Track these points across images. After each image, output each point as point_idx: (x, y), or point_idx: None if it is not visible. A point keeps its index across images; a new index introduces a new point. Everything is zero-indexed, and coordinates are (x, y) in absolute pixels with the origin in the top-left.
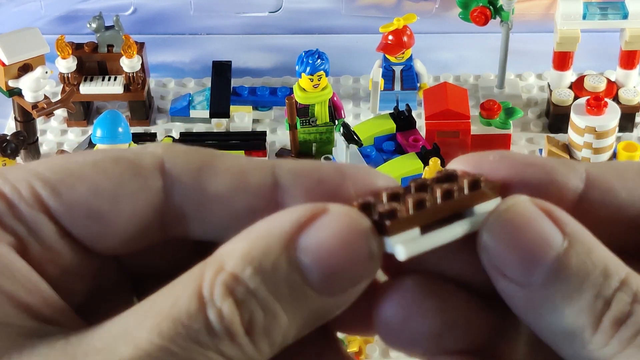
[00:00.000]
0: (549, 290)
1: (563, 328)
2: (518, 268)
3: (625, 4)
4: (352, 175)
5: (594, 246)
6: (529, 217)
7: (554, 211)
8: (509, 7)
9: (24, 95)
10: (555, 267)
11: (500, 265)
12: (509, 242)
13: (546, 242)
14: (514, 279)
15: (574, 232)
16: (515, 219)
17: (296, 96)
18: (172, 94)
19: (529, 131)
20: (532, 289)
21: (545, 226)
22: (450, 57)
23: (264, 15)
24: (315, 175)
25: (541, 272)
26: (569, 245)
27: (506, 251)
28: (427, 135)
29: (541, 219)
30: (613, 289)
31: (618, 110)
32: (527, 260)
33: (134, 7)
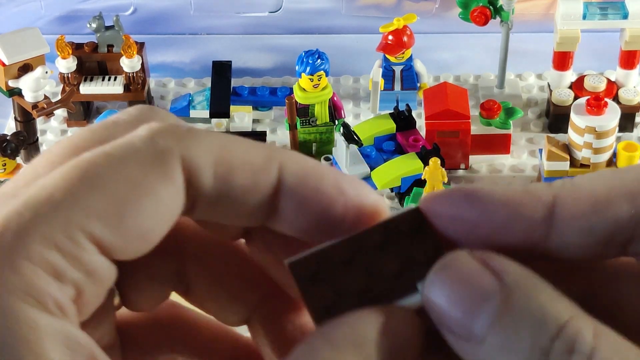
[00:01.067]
0: (490, 342)
1: None
2: (460, 322)
3: (625, 4)
4: (349, 193)
5: (533, 292)
6: (465, 270)
7: (491, 261)
8: (509, 7)
9: (24, 95)
10: (494, 317)
11: (444, 320)
12: (448, 297)
13: (483, 292)
14: (458, 333)
15: (511, 280)
16: (453, 275)
17: (296, 96)
18: (172, 94)
19: (529, 131)
20: (477, 342)
21: (483, 277)
22: (450, 57)
23: (264, 15)
24: (316, 185)
25: (481, 324)
26: (507, 295)
27: (447, 306)
28: (427, 135)
29: (478, 270)
30: (549, 338)
31: (618, 110)
32: (466, 313)
33: (134, 7)
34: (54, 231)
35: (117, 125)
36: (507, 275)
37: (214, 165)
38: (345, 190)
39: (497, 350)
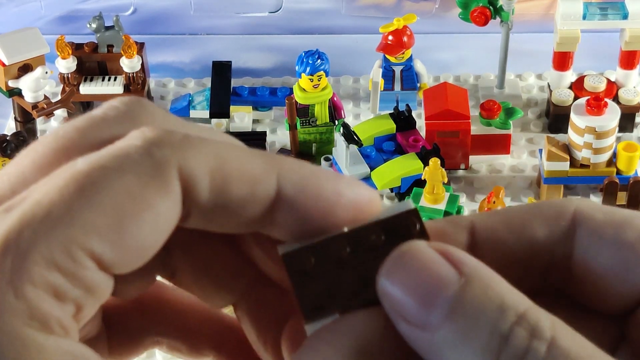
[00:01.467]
0: (447, 330)
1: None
2: (416, 310)
3: (625, 4)
4: (347, 197)
5: (492, 282)
6: (424, 259)
7: (450, 252)
8: (509, 7)
9: (24, 96)
10: (452, 306)
11: (399, 309)
12: (405, 285)
13: (441, 281)
14: (413, 321)
15: (471, 270)
16: (411, 262)
17: (296, 96)
18: (172, 94)
19: (529, 131)
20: (432, 330)
21: (441, 266)
22: (450, 57)
23: (264, 15)
24: (315, 194)
25: (438, 313)
26: (465, 283)
27: (403, 294)
28: (427, 136)
29: (437, 259)
30: (510, 324)
31: (618, 110)
32: (423, 301)
33: (134, 7)
34: (54, 251)
35: (105, 123)
36: (466, 266)
37: (211, 176)
38: (344, 195)
39: (454, 338)
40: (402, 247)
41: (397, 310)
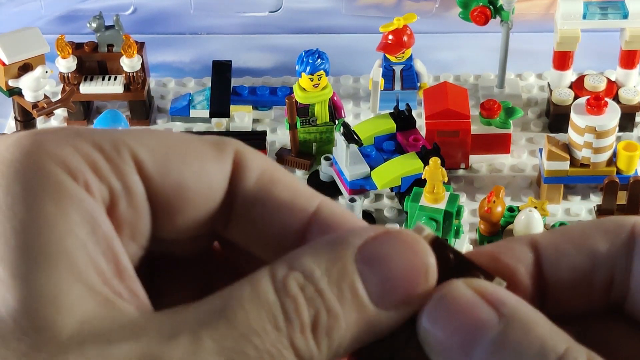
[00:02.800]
0: None
1: None
2: (457, 353)
3: (625, 4)
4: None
5: (532, 323)
6: (464, 302)
7: (489, 292)
8: (509, 7)
9: (24, 95)
10: (492, 349)
11: (441, 351)
12: (446, 328)
13: (481, 324)
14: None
15: (510, 311)
16: (451, 305)
17: (296, 96)
18: (172, 93)
19: (529, 131)
20: None
21: (480, 309)
22: (450, 57)
23: (264, 15)
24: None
25: (479, 355)
26: (505, 326)
27: (445, 337)
28: (427, 135)
29: (476, 301)
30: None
31: (618, 109)
32: (464, 344)
33: (134, 7)
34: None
35: None
36: (505, 307)
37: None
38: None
39: None
40: (442, 289)
41: (438, 353)
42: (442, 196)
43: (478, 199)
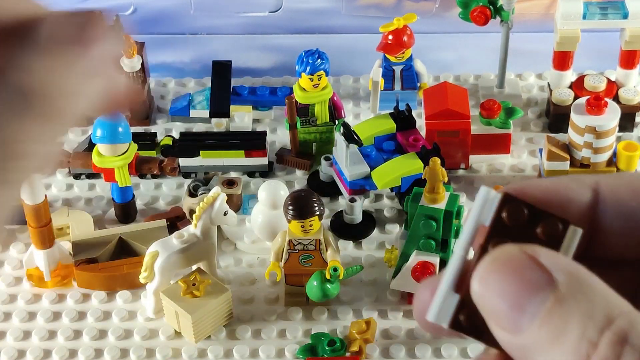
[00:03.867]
0: (537, 334)
1: None
2: (507, 315)
3: (625, 4)
4: None
5: (583, 288)
6: (515, 266)
7: (541, 257)
8: (509, 7)
9: None
10: (541, 312)
11: (492, 314)
12: (497, 291)
13: (532, 287)
14: (505, 326)
15: (562, 276)
16: (502, 268)
17: (296, 96)
18: (172, 93)
19: (529, 131)
20: (524, 335)
21: (532, 272)
22: (450, 57)
23: (264, 15)
24: None
25: (528, 318)
26: (555, 290)
27: (496, 300)
28: (427, 135)
29: (527, 266)
30: (598, 330)
31: (618, 110)
32: (514, 306)
33: (134, 7)
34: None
35: None
36: (556, 272)
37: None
38: None
39: (542, 342)
40: (494, 252)
41: (490, 315)
42: (442, 196)
43: None
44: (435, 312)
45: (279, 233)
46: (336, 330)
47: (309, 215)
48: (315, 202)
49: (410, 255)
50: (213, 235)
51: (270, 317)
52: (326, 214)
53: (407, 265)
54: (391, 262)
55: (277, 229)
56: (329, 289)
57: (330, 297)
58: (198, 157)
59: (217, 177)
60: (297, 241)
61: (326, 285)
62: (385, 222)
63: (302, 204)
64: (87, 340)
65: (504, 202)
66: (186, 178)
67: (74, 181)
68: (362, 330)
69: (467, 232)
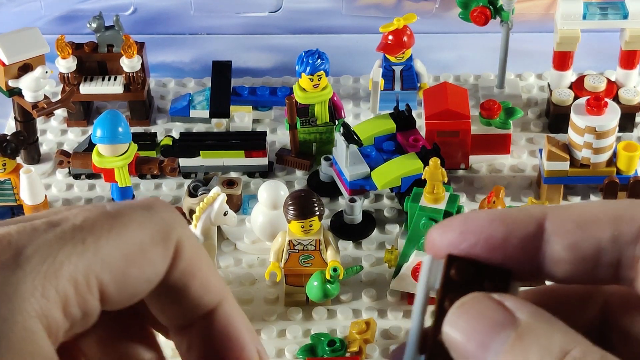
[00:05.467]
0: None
1: None
2: (475, 353)
3: (625, 4)
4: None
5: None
6: (480, 308)
7: (504, 300)
8: (509, 7)
9: (24, 95)
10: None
11: (462, 353)
12: (465, 331)
13: (496, 326)
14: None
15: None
16: (469, 311)
17: (296, 96)
18: (172, 93)
19: (529, 131)
20: None
21: (496, 313)
22: (450, 57)
23: (264, 15)
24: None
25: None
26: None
27: (463, 339)
28: (427, 135)
29: (492, 307)
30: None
31: (618, 110)
32: (481, 344)
33: (134, 7)
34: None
35: None
36: (519, 312)
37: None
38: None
39: None
40: (463, 298)
41: (460, 355)
42: (442, 196)
43: (478, 199)
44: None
45: (279, 233)
46: (336, 330)
47: (309, 215)
48: (315, 202)
49: (410, 255)
50: (213, 236)
51: (270, 317)
52: (326, 214)
53: (407, 265)
54: (391, 262)
55: (277, 229)
56: (329, 289)
57: (330, 297)
58: (198, 157)
59: (217, 177)
60: (297, 241)
61: (326, 285)
62: (385, 222)
63: (302, 204)
64: None
65: (449, 262)
66: (186, 178)
67: (74, 181)
68: (362, 330)
69: (419, 298)
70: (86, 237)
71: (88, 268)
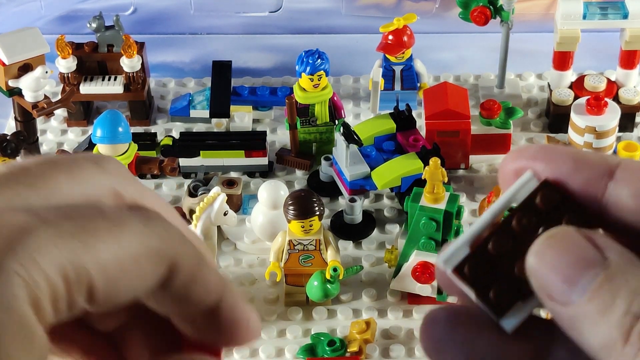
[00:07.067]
0: (587, 307)
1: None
2: (560, 288)
3: (625, 4)
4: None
5: (630, 267)
6: (570, 242)
7: (595, 237)
8: (509, 7)
9: (24, 95)
10: (592, 286)
11: (545, 286)
12: (551, 265)
13: (585, 262)
14: (557, 298)
15: (613, 255)
16: (558, 244)
17: (296, 96)
18: (172, 93)
19: (529, 131)
20: (574, 307)
21: (586, 249)
22: (450, 57)
23: (264, 15)
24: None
25: (580, 291)
26: (606, 266)
27: (549, 273)
28: (427, 135)
29: (582, 243)
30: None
31: (618, 110)
32: (567, 280)
33: (134, 7)
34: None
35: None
36: (609, 251)
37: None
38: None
39: (592, 314)
40: (551, 230)
41: (543, 288)
42: (442, 196)
43: (478, 199)
44: (445, 257)
45: (279, 233)
46: (336, 330)
47: (309, 215)
48: (315, 202)
49: (410, 255)
50: (213, 236)
51: (270, 317)
52: (326, 214)
53: (407, 265)
54: (391, 262)
55: (277, 229)
56: (329, 289)
57: (330, 297)
58: (198, 157)
59: (217, 177)
60: (297, 241)
61: (326, 285)
62: (385, 222)
63: (302, 204)
64: None
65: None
66: (186, 178)
67: None
68: (362, 330)
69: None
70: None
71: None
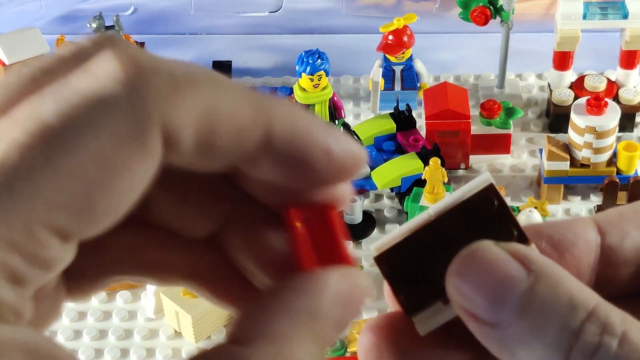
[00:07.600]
0: (518, 327)
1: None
2: (486, 308)
3: (625, 4)
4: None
5: (561, 280)
6: (492, 258)
7: (518, 251)
8: (509, 7)
9: None
10: (521, 303)
11: (469, 307)
12: (474, 284)
13: (510, 280)
14: (484, 319)
15: (539, 268)
16: (479, 261)
17: (296, 96)
18: None
19: (529, 131)
20: (503, 327)
21: (509, 265)
22: (450, 57)
23: (264, 15)
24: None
25: (508, 310)
26: (534, 282)
27: (473, 293)
28: (427, 135)
29: (505, 258)
30: (580, 320)
31: (618, 110)
32: (493, 299)
33: (134, 7)
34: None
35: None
36: (534, 264)
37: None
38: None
39: (524, 334)
40: (470, 246)
41: (466, 309)
42: (442, 196)
43: None
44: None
45: None
46: None
47: None
48: None
49: None
50: None
51: None
52: None
53: None
54: None
55: None
56: None
57: None
58: None
59: None
60: None
61: None
62: (385, 222)
63: None
64: (87, 340)
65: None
66: None
67: None
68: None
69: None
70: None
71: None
